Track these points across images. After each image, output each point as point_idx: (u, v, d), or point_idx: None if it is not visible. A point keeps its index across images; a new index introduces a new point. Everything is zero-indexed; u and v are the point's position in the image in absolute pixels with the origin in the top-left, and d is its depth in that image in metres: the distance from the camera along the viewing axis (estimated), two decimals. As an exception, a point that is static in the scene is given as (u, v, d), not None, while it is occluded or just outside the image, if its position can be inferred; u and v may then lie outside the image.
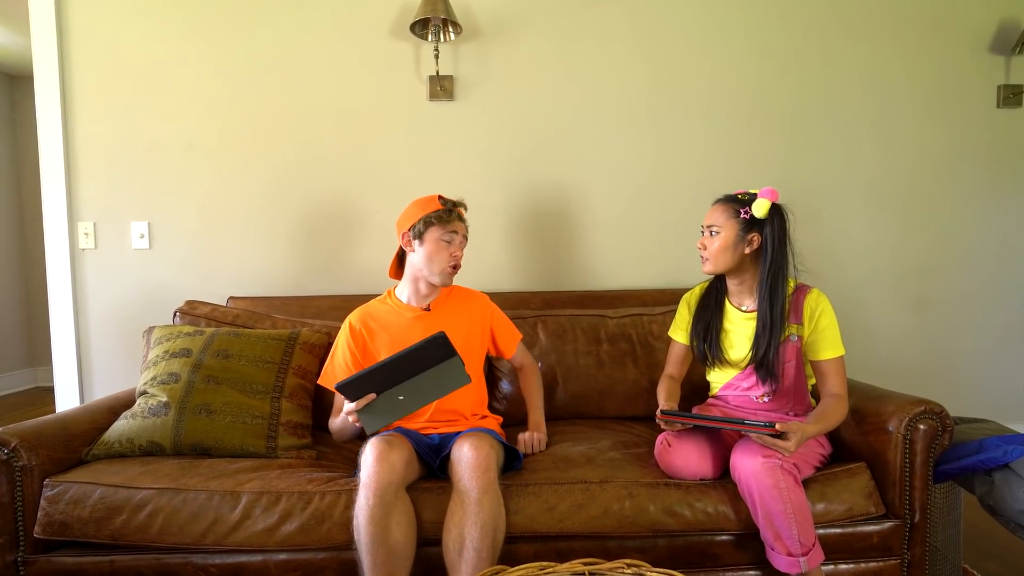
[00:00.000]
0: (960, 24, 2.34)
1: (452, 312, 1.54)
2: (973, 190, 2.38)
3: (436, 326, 1.43)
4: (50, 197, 2.16)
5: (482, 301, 1.63)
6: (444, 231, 1.46)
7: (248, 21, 2.15)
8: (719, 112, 2.27)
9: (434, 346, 1.18)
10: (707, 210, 2.21)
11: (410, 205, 1.52)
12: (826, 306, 1.40)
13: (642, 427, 1.71)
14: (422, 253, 1.46)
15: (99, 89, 2.15)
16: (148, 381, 1.42)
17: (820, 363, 1.37)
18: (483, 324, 1.59)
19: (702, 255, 1.45)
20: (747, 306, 1.47)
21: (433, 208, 1.46)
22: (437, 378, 1.23)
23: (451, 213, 1.47)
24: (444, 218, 1.46)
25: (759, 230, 1.40)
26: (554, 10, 2.21)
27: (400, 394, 1.21)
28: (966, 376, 2.42)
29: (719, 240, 1.40)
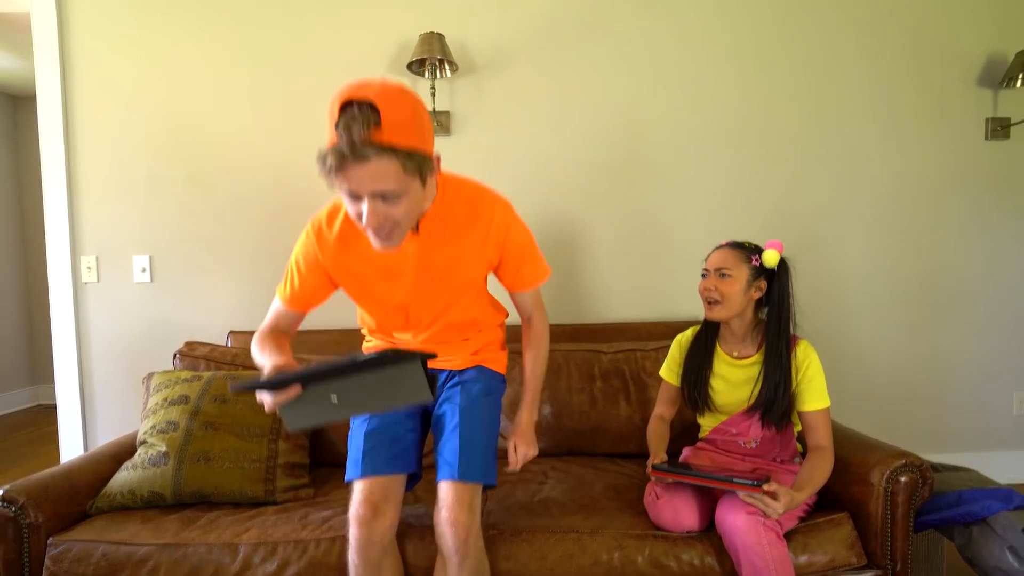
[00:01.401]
0: (950, 58, 2.37)
1: (450, 233, 1.14)
2: (963, 220, 2.41)
3: (429, 254, 1.13)
4: (53, 232, 2.20)
5: (498, 222, 1.16)
6: (342, 185, 0.92)
7: (249, 56, 2.19)
8: (715, 144, 2.31)
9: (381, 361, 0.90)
10: (703, 242, 2.27)
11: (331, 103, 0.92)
12: (814, 358, 1.44)
13: (634, 466, 1.74)
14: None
15: (101, 124, 2.18)
16: (148, 430, 1.45)
17: (807, 414, 1.41)
18: (493, 253, 1.19)
19: (711, 297, 1.44)
20: (738, 352, 1.50)
21: (329, 141, 0.90)
22: (386, 385, 0.93)
23: (340, 156, 0.87)
24: (331, 165, 0.88)
25: (766, 279, 1.45)
26: (547, 45, 2.24)
27: (333, 392, 0.94)
28: (957, 402, 2.46)
29: (732, 284, 1.42)
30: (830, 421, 1.40)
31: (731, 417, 1.50)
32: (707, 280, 1.45)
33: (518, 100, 2.25)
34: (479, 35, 2.23)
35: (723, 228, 2.32)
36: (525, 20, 2.23)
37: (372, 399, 0.94)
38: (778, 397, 1.39)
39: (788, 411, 1.42)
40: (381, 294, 1.20)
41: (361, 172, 0.88)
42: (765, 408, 1.41)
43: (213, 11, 2.17)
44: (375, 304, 1.23)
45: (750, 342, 1.49)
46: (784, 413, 1.41)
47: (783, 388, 1.39)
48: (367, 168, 0.88)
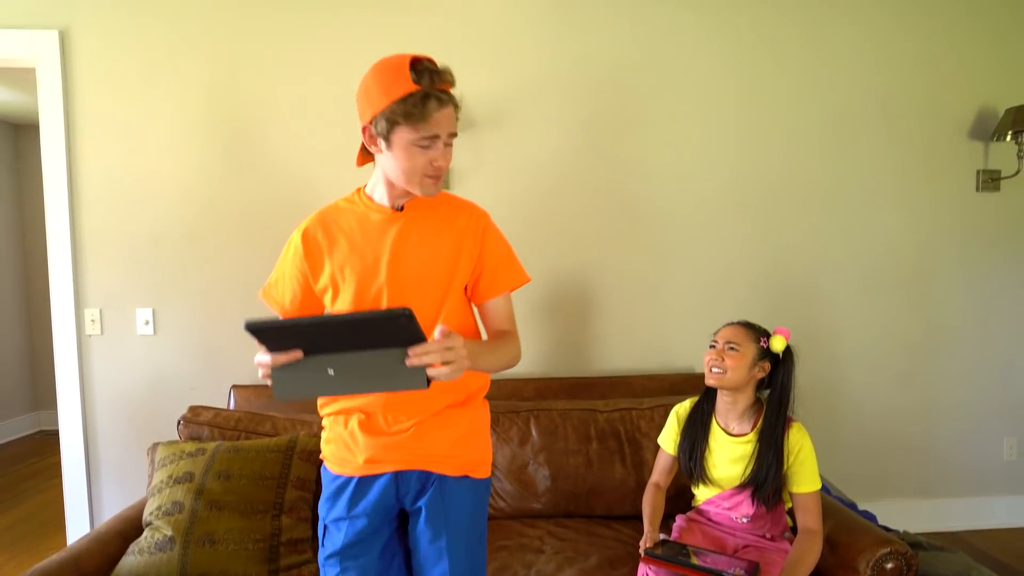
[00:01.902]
0: (941, 112, 2.42)
1: (435, 219, 1.14)
2: (954, 271, 2.45)
3: (412, 231, 1.12)
4: (58, 285, 2.23)
5: (476, 216, 1.18)
6: (419, 134, 1.01)
7: (247, 114, 2.22)
8: (712, 198, 2.34)
9: (394, 322, 0.87)
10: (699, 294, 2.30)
11: (373, 73, 1.04)
12: (806, 441, 1.48)
13: (629, 530, 1.78)
14: (388, 157, 1.06)
15: (105, 182, 2.21)
16: (154, 511, 1.49)
17: (798, 496, 1.46)
18: (471, 246, 1.15)
19: (716, 367, 1.48)
20: (733, 428, 1.54)
21: (404, 92, 0.99)
22: (385, 365, 0.91)
23: (428, 103, 0.99)
24: (416, 115, 0.99)
25: (771, 361, 1.49)
26: (545, 101, 2.28)
27: (331, 366, 0.92)
28: (949, 447, 2.50)
29: (740, 358, 1.46)
30: (820, 504, 1.44)
31: (724, 491, 1.54)
32: (714, 351, 1.50)
33: (516, 155, 2.28)
34: (478, 91, 2.26)
35: (719, 280, 2.36)
36: (522, 78, 2.27)
37: (368, 379, 0.92)
38: (769, 477, 1.43)
39: (778, 491, 1.47)
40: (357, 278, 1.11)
41: (446, 115, 1.03)
42: (756, 486, 1.45)
43: (214, 70, 2.20)
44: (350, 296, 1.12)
45: (746, 420, 1.53)
46: (774, 493, 1.46)
47: (775, 469, 1.43)
48: (448, 111, 1.03)
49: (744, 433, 1.52)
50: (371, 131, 1.05)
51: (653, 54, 2.30)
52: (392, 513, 1.16)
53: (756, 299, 2.38)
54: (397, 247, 1.11)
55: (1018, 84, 2.42)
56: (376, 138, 1.05)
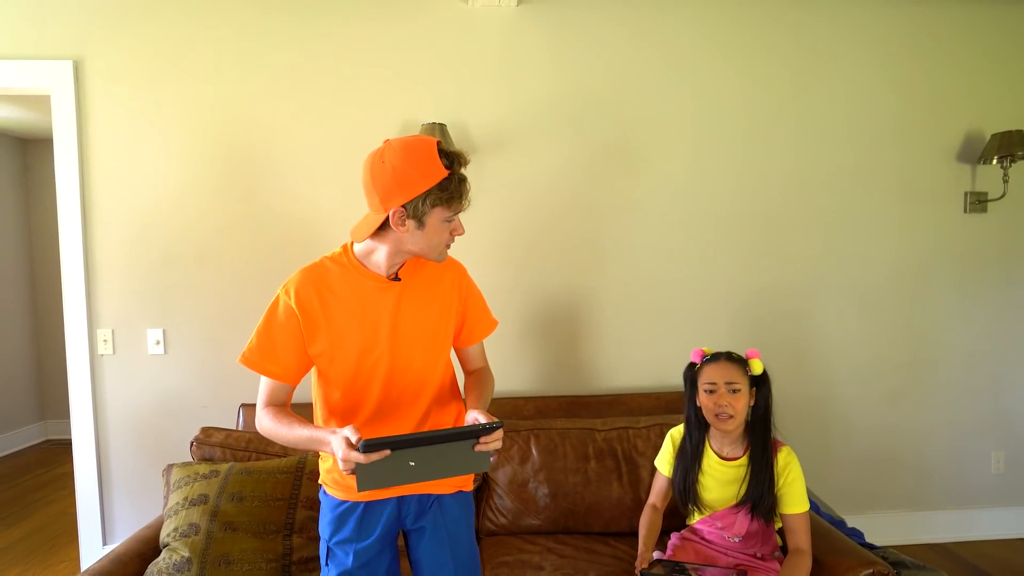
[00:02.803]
0: (930, 135, 2.49)
1: (424, 283, 1.23)
2: (943, 291, 2.52)
3: (408, 299, 1.19)
4: (71, 306, 2.29)
5: (457, 272, 1.29)
6: (451, 212, 1.12)
7: (256, 138, 2.29)
8: (704, 220, 2.41)
9: (486, 431, 1.03)
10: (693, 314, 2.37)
11: (400, 159, 1.08)
12: (795, 463, 1.55)
13: (625, 546, 1.84)
14: (417, 234, 1.12)
15: (117, 205, 2.27)
16: (171, 532, 1.55)
17: (787, 516, 1.53)
18: (458, 301, 1.27)
19: (725, 412, 1.51)
20: (727, 453, 1.60)
21: (440, 177, 1.08)
22: (457, 454, 1.04)
23: (463, 185, 1.12)
24: (455, 197, 1.11)
25: (755, 386, 1.56)
26: (545, 127, 2.35)
27: (412, 459, 1.01)
28: (938, 462, 2.57)
29: (742, 397, 1.52)
30: (809, 525, 1.51)
31: (717, 512, 1.60)
32: (719, 396, 1.53)
33: (517, 179, 2.35)
34: (479, 118, 2.33)
35: (713, 301, 2.42)
36: (523, 105, 2.34)
37: (443, 466, 1.04)
38: (764, 493, 1.51)
39: (775, 506, 1.54)
40: (357, 346, 1.16)
41: (467, 194, 1.15)
42: (754, 503, 1.53)
43: (224, 94, 2.27)
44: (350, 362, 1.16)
45: (738, 444, 1.60)
46: (771, 508, 1.53)
47: (769, 485, 1.51)
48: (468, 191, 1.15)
49: (737, 457, 1.59)
50: (403, 214, 1.09)
51: (650, 81, 2.37)
52: (395, 533, 1.29)
53: (748, 320, 2.45)
54: (396, 316, 1.18)
55: (1004, 109, 2.49)
56: (407, 219, 1.10)
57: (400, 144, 1.10)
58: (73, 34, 2.22)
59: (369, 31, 2.29)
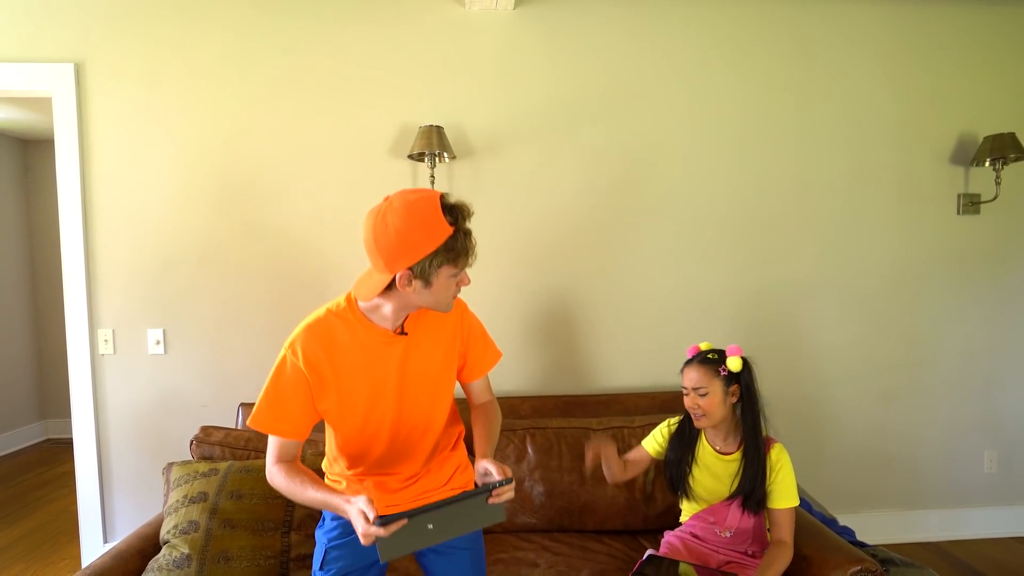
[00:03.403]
0: (923, 138, 2.51)
1: (428, 331, 1.23)
2: (936, 292, 2.55)
3: (413, 350, 1.19)
4: (72, 306, 2.32)
5: (457, 311, 1.28)
6: (457, 268, 1.10)
7: (259, 141, 2.31)
8: (699, 222, 2.44)
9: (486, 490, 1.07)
10: (688, 313, 2.39)
11: (404, 222, 1.05)
12: (786, 460, 1.58)
13: (619, 544, 1.87)
14: (423, 292, 1.10)
15: (118, 207, 2.30)
16: (171, 530, 1.58)
17: (774, 511, 1.55)
18: (460, 342, 1.29)
19: (695, 413, 1.58)
20: (720, 447, 1.63)
21: (445, 236, 1.06)
22: (472, 511, 1.07)
23: (469, 239, 1.10)
24: (461, 254, 1.09)
25: (737, 383, 1.58)
26: (544, 130, 2.37)
27: (430, 523, 1.04)
28: (930, 461, 2.59)
29: (711, 399, 1.56)
30: (794, 520, 1.55)
31: (711, 506, 1.63)
32: (689, 398, 1.59)
33: (514, 181, 2.37)
34: (476, 121, 2.35)
35: (708, 302, 2.45)
36: (520, 108, 2.36)
37: (461, 524, 1.06)
38: (756, 486, 1.54)
39: (764, 500, 1.56)
40: (365, 401, 1.17)
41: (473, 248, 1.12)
42: (745, 495, 1.56)
43: (225, 98, 2.29)
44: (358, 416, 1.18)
45: (732, 439, 1.63)
46: (761, 500, 1.56)
47: (760, 479, 1.54)
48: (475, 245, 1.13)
49: (731, 451, 1.62)
50: (410, 276, 1.07)
51: (648, 83, 2.39)
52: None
53: (743, 320, 2.47)
54: (403, 368, 1.18)
55: (996, 112, 2.51)
56: (414, 280, 1.08)
57: (402, 204, 1.05)
58: (74, 37, 2.24)
59: (367, 34, 2.31)
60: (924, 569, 1.51)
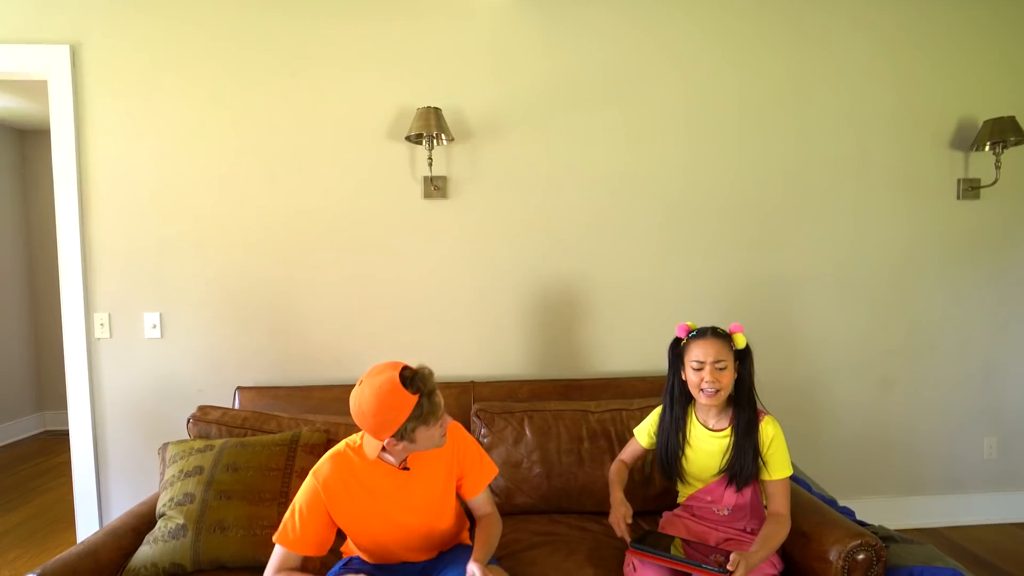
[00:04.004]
0: (922, 122, 2.50)
1: (429, 464, 1.43)
2: (936, 277, 2.54)
3: (414, 482, 1.40)
4: (68, 290, 2.31)
5: (454, 437, 1.48)
6: (431, 427, 1.29)
7: (255, 123, 2.30)
8: (697, 207, 2.43)
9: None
10: (687, 299, 2.38)
11: (373, 406, 1.24)
12: (778, 432, 1.57)
13: (617, 525, 1.86)
14: (411, 446, 1.32)
15: (114, 190, 2.29)
16: (166, 503, 1.57)
17: (769, 483, 1.55)
18: (456, 464, 1.48)
19: (712, 389, 1.53)
20: (714, 424, 1.62)
21: (410, 407, 1.25)
22: None
23: (433, 400, 1.28)
24: (431, 416, 1.27)
25: (738, 359, 1.58)
26: (542, 113, 2.36)
27: None
28: (930, 447, 2.59)
29: (728, 373, 1.54)
30: (789, 491, 1.54)
31: (707, 485, 1.62)
32: (706, 372, 1.54)
33: (512, 165, 2.37)
34: (475, 103, 2.34)
35: (706, 286, 2.44)
36: (519, 91, 2.35)
37: None
38: (746, 463, 1.54)
39: (755, 475, 1.56)
40: (376, 520, 1.38)
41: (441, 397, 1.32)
42: (734, 472, 1.55)
43: (222, 81, 2.28)
44: (370, 531, 1.40)
45: (725, 416, 1.62)
46: (751, 476, 1.55)
47: (751, 455, 1.53)
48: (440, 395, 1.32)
49: (723, 428, 1.60)
50: (394, 441, 1.28)
51: (645, 66, 2.38)
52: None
53: (742, 305, 2.46)
54: (408, 495, 1.40)
55: (996, 96, 2.51)
56: (399, 442, 1.29)
57: (370, 390, 1.25)
58: (70, 18, 2.23)
59: (366, 16, 2.30)
60: (924, 545, 1.50)
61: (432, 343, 2.35)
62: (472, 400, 2.20)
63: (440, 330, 2.37)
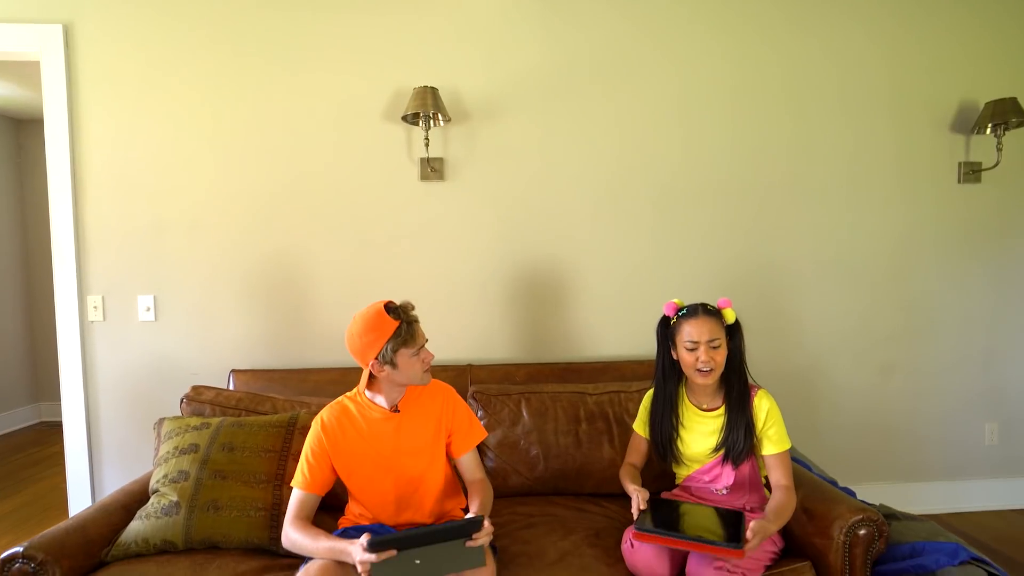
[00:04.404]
0: (923, 105, 2.48)
1: (420, 411, 1.54)
2: (937, 261, 2.52)
3: (405, 426, 1.50)
4: (61, 273, 2.28)
5: (446, 395, 1.60)
6: (413, 348, 1.44)
7: (250, 103, 2.28)
8: (694, 190, 2.41)
9: (472, 525, 1.25)
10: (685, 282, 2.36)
11: (361, 329, 1.41)
12: (772, 405, 1.54)
13: (615, 507, 1.84)
14: (395, 372, 1.44)
15: (108, 172, 2.27)
16: (160, 479, 1.55)
17: (768, 457, 1.53)
18: (447, 420, 1.58)
19: (707, 368, 1.50)
20: (706, 404, 1.60)
21: (391, 329, 1.41)
22: (456, 553, 1.25)
23: (411, 327, 1.44)
24: (409, 339, 1.42)
25: (729, 334, 1.56)
26: (538, 95, 2.34)
27: (417, 558, 1.23)
28: (931, 433, 2.57)
29: (723, 351, 1.52)
30: (790, 463, 1.53)
31: (703, 465, 1.59)
32: (700, 352, 1.51)
33: (509, 147, 2.34)
34: (472, 86, 2.32)
35: (704, 269, 2.42)
36: (516, 71, 2.33)
37: (444, 564, 1.25)
38: (740, 440, 1.51)
39: (750, 450, 1.53)
40: (371, 463, 1.48)
41: (420, 330, 1.48)
42: (728, 448, 1.53)
43: (216, 63, 2.26)
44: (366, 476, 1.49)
45: (717, 395, 1.60)
46: (745, 451, 1.52)
47: (743, 432, 1.51)
48: (420, 328, 1.48)
49: (716, 407, 1.58)
50: (378, 363, 1.43)
51: (640, 49, 2.36)
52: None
53: (738, 289, 2.44)
54: (397, 438, 1.50)
55: (998, 78, 2.49)
56: (383, 366, 1.43)
57: (359, 316, 1.44)
58: (63, -3, 2.21)
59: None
60: (926, 522, 1.48)
61: (428, 326, 2.32)
62: (469, 383, 2.17)
63: (436, 313, 2.35)
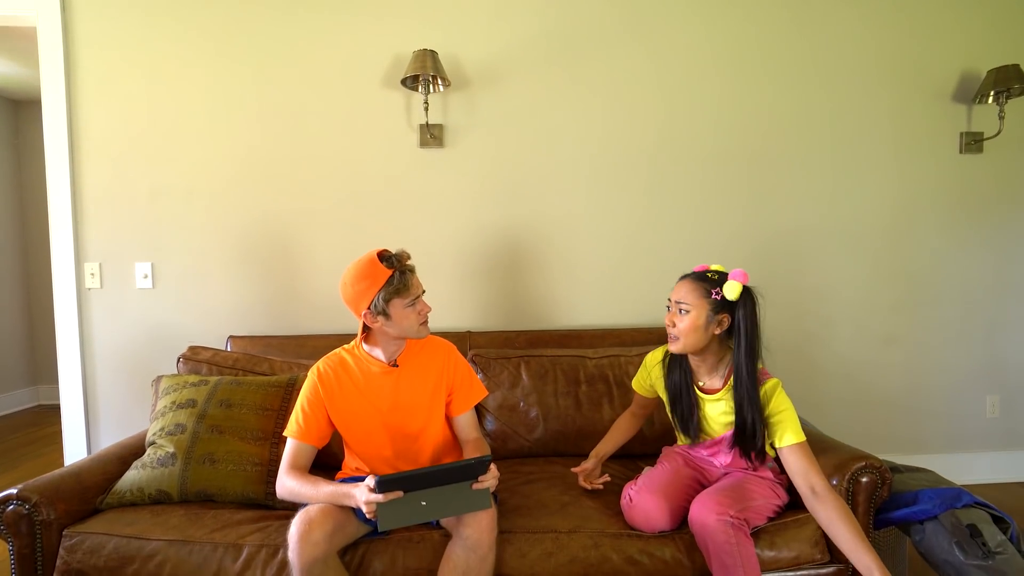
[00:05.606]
0: (925, 75, 2.47)
1: (419, 366, 1.49)
2: (938, 232, 2.50)
3: (403, 381, 1.45)
4: (58, 239, 2.27)
5: (447, 352, 1.55)
6: (407, 298, 1.37)
7: (248, 71, 2.26)
8: (700, 159, 2.39)
9: (479, 466, 1.22)
10: (688, 252, 2.35)
11: (353, 277, 1.36)
12: (782, 396, 1.38)
13: (617, 467, 1.82)
14: (390, 323, 1.38)
15: (105, 138, 2.26)
16: (157, 432, 1.53)
17: (784, 451, 1.34)
18: (448, 378, 1.52)
19: (671, 332, 1.42)
20: (705, 383, 1.49)
21: (384, 277, 1.34)
22: (461, 494, 1.23)
23: (405, 276, 1.37)
24: (402, 288, 1.36)
25: (729, 312, 1.39)
26: (539, 62, 2.33)
27: (424, 499, 1.21)
28: (933, 405, 2.55)
29: (688, 319, 1.38)
30: (811, 456, 1.32)
31: (704, 443, 1.54)
32: (669, 314, 1.43)
33: (509, 114, 2.33)
34: (472, 51, 2.31)
35: (705, 238, 2.41)
36: (516, 38, 2.31)
37: (450, 505, 1.23)
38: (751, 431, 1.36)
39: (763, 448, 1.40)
40: (368, 418, 1.45)
41: (416, 280, 1.41)
42: (742, 445, 1.40)
43: (214, 26, 2.24)
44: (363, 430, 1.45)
45: (717, 376, 1.47)
46: (761, 449, 1.40)
47: (753, 419, 1.35)
48: (416, 277, 1.42)
49: (716, 389, 1.46)
50: (371, 313, 1.37)
51: (637, 13, 2.35)
52: None
53: (742, 258, 2.43)
54: (395, 393, 1.46)
55: (999, 46, 2.47)
56: (376, 316, 1.37)
57: (352, 265, 1.39)
58: (60, -40, 2.19)
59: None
60: (929, 472, 1.47)
61: (428, 295, 2.31)
62: (468, 348, 2.16)
63: (436, 280, 2.34)
